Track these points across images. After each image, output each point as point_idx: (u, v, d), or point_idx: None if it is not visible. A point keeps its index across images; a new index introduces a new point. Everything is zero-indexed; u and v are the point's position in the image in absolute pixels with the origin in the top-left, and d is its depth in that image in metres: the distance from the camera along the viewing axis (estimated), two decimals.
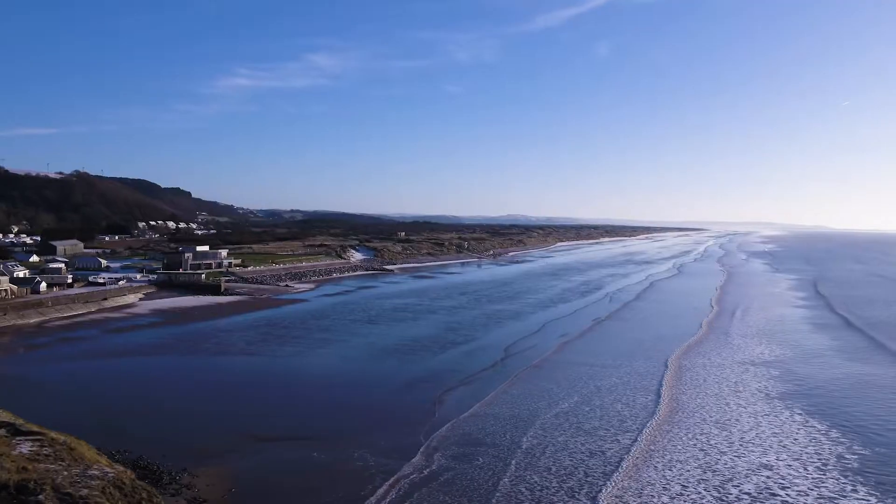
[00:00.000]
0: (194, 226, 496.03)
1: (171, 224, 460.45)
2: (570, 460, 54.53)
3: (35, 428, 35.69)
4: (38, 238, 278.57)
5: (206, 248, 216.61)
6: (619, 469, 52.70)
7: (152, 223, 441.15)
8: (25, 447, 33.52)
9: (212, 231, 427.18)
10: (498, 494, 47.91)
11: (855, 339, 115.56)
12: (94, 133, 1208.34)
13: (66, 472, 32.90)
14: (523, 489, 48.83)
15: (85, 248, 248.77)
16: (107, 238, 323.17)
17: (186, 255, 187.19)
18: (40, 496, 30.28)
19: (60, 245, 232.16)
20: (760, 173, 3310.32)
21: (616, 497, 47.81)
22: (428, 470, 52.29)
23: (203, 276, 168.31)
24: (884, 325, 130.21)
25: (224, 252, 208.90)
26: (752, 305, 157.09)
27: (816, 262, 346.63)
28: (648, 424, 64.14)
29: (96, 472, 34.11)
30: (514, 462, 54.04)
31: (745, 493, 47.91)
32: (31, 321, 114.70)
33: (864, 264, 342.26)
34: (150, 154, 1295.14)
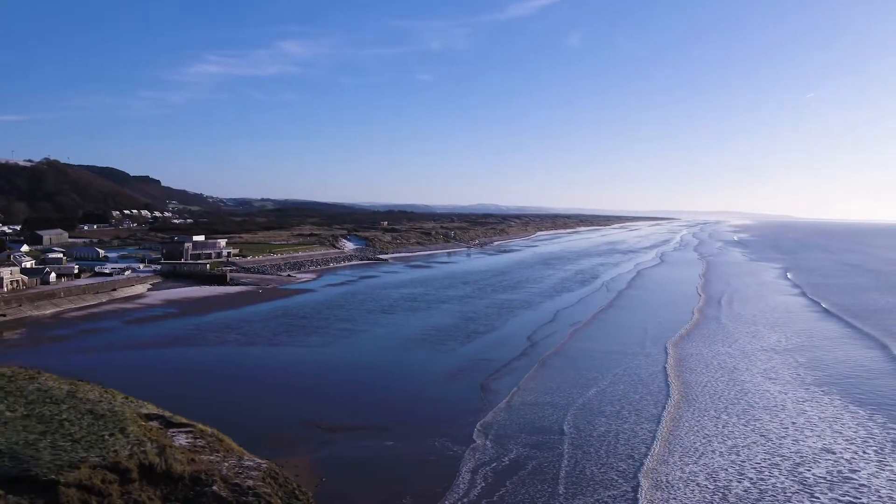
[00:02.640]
0: (169, 214, 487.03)
1: (147, 213, 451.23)
2: (644, 447, 56.43)
3: (184, 420, 36.05)
4: (18, 227, 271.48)
5: (202, 237, 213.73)
6: (688, 454, 54.82)
7: (127, 212, 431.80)
8: (182, 439, 33.97)
9: (188, 220, 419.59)
10: (578, 476, 49.67)
11: (843, 327, 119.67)
12: (59, 120, 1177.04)
13: (226, 464, 33.53)
14: (614, 477, 50.53)
15: (70, 237, 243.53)
16: (86, 227, 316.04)
17: (186, 244, 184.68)
18: (213, 487, 30.91)
19: (46, 235, 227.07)
20: (728, 163, 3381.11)
21: (688, 480, 49.88)
22: (508, 457, 53.65)
23: (207, 266, 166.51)
24: (880, 314, 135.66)
25: (223, 242, 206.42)
26: (736, 294, 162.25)
27: (788, 251, 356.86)
28: (680, 409, 66.61)
29: (251, 464, 34.79)
30: (589, 448, 55.70)
31: (821, 478, 50.40)
32: (47, 312, 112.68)
33: (833, 254, 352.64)
34: (118, 141, 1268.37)
